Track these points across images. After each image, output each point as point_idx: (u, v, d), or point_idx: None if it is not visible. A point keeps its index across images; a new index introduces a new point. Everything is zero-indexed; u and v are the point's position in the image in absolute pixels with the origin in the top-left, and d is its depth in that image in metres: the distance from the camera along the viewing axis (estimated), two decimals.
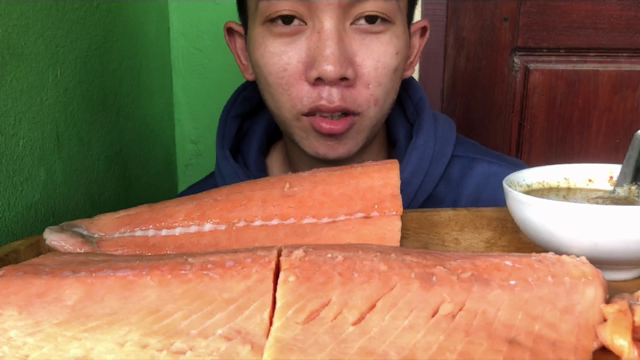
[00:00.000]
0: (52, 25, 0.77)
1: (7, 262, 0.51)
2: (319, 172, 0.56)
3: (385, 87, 0.68)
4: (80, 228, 0.54)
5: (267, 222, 0.53)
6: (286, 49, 0.66)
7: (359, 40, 0.65)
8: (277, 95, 0.68)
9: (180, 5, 1.25)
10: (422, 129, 0.75)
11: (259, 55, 0.68)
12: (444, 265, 0.40)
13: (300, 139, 0.71)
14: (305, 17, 0.65)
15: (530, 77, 1.26)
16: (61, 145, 0.80)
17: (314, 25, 0.64)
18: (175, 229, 0.53)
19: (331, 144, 0.70)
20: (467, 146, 0.81)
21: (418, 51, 0.76)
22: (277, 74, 0.67)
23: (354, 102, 0.67)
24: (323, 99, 0.65)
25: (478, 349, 0.34)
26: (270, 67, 0.67)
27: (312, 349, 0.33)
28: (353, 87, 0.66)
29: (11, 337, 0.35)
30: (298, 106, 0.67)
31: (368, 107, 0.68)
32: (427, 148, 0.74)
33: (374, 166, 0.55)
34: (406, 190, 0.73)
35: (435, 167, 0.75)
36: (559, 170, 0.59)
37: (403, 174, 0.73)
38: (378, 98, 0.68)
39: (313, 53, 0.65)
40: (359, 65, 0.66)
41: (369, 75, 0.66)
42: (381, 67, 0.66)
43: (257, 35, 0.68)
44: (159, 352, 0.34)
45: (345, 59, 0.64)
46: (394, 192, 0.53)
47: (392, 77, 0.68)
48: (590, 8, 1.21)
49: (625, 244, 0.45)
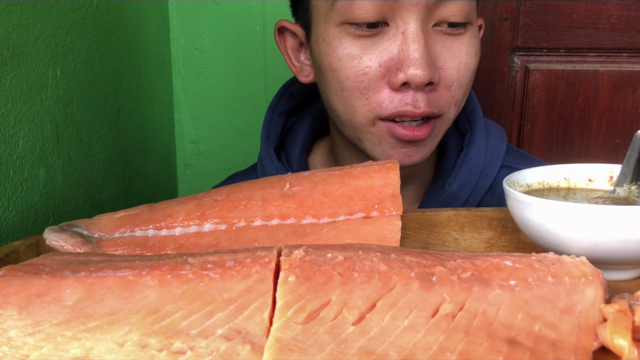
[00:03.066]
0: (52, 25, 0.77)
1: (7, 262, 0.51)
2: (319, 172, 0.56)
3: (466, 88, 0.66)
4: (80, 228, 0.54)
5: (267, 222, 0.53)
6: (367, 52, 0.62)
7: (440, 42, 0.63)
8: (353, 100, 0.65)
9: (180, 5, 1.25)
10: (474, 142, 0.73)
11: (335, 57, 0.64)
12: (444, 265, 0.40)
13: (372, 145, 0.68)
14: (388, 18, 0.61)
15: (530, 77, 1.26)
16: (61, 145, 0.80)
17: (398, 27, 0.61)
18: (175, 229, 0.53)
19: (408, 150, 0.67)
20: (516, 156, 0.79)
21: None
22: (356, 78, 0.63)
23: (438, 105, 0.65)
24: (408, 105, 0.62)
25: (478, 349, 0.34)
26: (349, 71, 0.63)
27: (312, 349, 0.33)
28: (436, 90, 0.64)
29: (11, 337, 0.35)
30: (377, 110, 0.64)
31: (449, 109, 0.66)
32: (477, 162, 0.73)
33: (374, 166, 0.55)
34: (452, 204, 0.72)
35: (484, 181, 0.74)
36: (559, 170, 0.59)
37: (451, 187, 0.72)
38: (458, 99, 0.66)
39: (398, 56, 0.61)
40: (441, 68, 0.63)
41: (452, 78, 0.64)
42: (463, 69, 0.64)
43: (332, 37, 0.64)
44: (159, 352, 0.34)
45: (432, 62, 0.62)
46: (394, 192, 0.53)
47: (471, 78, 0.67)
48: (590, 8, 1.21)
49: (625, 244, 0.45)
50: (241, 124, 1.28)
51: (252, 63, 1.28)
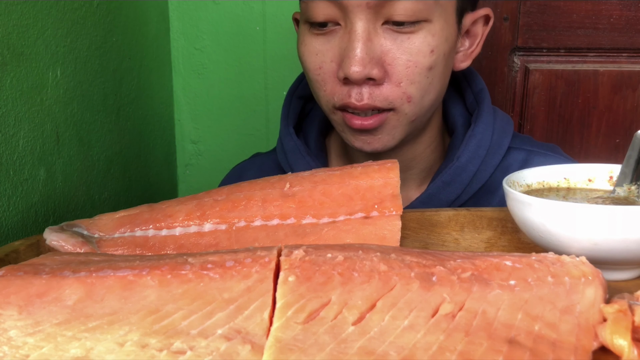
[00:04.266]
0: (52, 25, 0.77)
1: (7, 262, 0.51)
2: (319, 172, 0.56)
3: (420, 84, 0.68)
4: (80, 228, 0.54)
5: (267, 222, 0.53)
6: (322, 49, 0.69)
7: (390, 40, 0.66)
8: (316, 90, 0.72)
9: (180, 5, 1.25)
10: (481, 118, 0.76)
11: (301, 52, 0.72)
12: (444, 265, 0.40)
13: (339, 131, 0.75)
14: (339, 19, 0.66)
15: (530, 77, 1.26)
16: (61, 145, 0.80)
17: (346, 26, 0.66)
18: (175, 229, 0.53)
19: (364, 138, 0.71)
20: (523, 139, 0.82)
21: (480, 40, 0.75)
22: (314, 71, 0.70)
23: (385, 99, 0.68)
24: (352, 97, 0.67)
25: (478, 349, 0.34)
26: (309, 64, 0.70)
27: (312, 349, 0.33)
28: (383, 85, 0.67)
29: (11, 337, 0.35)
30: (331, 101, 0.70)
31: (401, 104, 0.68)
32: (484, 136, 0.76)
33: (374, 166, 0.55)
34: (461, 176, 0.74)
35: (492, 157, 0.76)
36: (559, 170, 0.59)
37: (460, 159, 0.74)
38: (412, 95, 0.68)
39: (343, 53, 0.66)
40: (389, 64, 0.66)
41: (400, 74, 0.67)
42: (413, 66, 0.66)
43: (301, 33, 0.72)
44: (159, 352, 0.34)
45: (372, 59, 0.65)
46: (394, 192, 0.53)
47: (427, 75, 0.68)
48: (590, 8, 1.21)
49: (625, 244, 0.45)
50: (241, 124, 1.28)
51: (252, 63, 1.28)
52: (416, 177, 0.81)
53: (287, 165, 0.82)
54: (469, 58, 0.75)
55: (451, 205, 0.75)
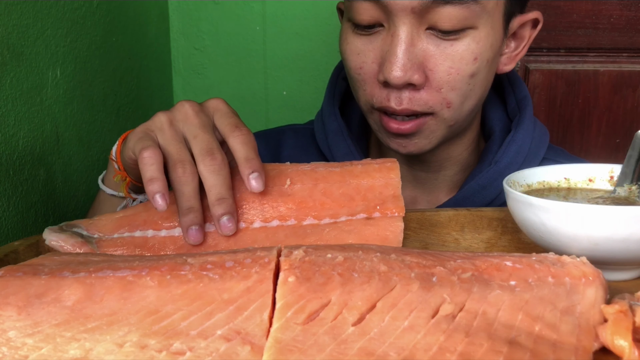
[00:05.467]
0: (52, 25, 0.77)
1: (7, 262, 0.51)
2: (319, 168, 0.55)
3: (461, 91, 0.67)
4: (79, 228, 0.54)
5: (267, 224, 0.52)
6: (364, 49, 0.68)
7: (433, 45, 0.65)
8: (355, 88, 0.72)
9: (180, 5, 1.25)
10: (523, 125, 0.76)
11: (343, 49, 0.71)
12: (444, 266, 0.40)
13: (375, 130, 0.74)
14: (382, 20, 0.66)
15: (530, 77, 1.26)
16: (61, 145, 0.80)
17: (389, 29, 0.65)
18: (174, 230, 0.52)
19: (400, 141, 0.71)
20: (556, 151, 0.82)
21: (527, 43, 0.74)
22: (355, 70, 0.70)
23: (424, 104, 0.67)
24: (391, 101, 0.67)
25: (478, 350, 0.34)
26: (350, 63, 0.70)
27: (312, 350, 0.33)
28: (423, 90, 0.66)
29: (10, 338, 0.35)
30: (370, 101, 0.70)
31: (441, 109, 0.68)
32: (524, 144, 0.75)
33: (374, 165, 0.55)
34: (497, 180, 0.74)
35: (528, 165, 0.75)
36: (559, 170, 0.59)
37: (498, 164, 0.74)
38: (452, 101, 0.67)
39: (384, 56, 0.66)
40: (431, 70, 0.65)
41: (441, 80, 0.66)
42: (455, 73, 0.66)
43: (344, 30, 0.71)
44: (159, 352, 0.34)
45: (413, 65, 0.65)
46: (395, 192, 0.53)
47: (469, 82, 0.67)
48: (590, 8, 1.21)
49: (626, 244, 0.45)
50: None
51: (252, 63, 1.28)
52: (449, 179, 0.81)
53: (325, 147, 0.81)
54: (513, 61, 0.74)
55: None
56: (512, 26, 0.70)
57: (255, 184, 0.50)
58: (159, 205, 0.49)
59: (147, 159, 0.50)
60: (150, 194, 0.49)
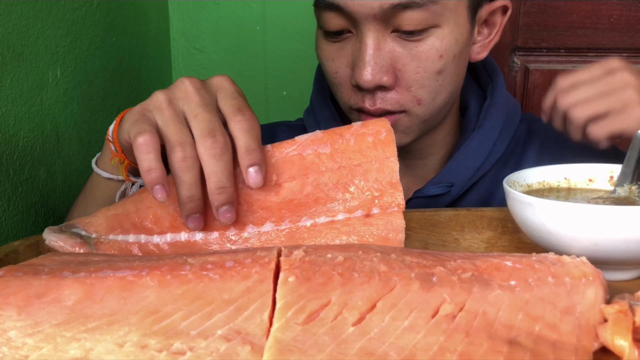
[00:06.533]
0: (52, 25, 0.77)
1: (7, 262, 0.51)
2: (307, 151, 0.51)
3: (430, 87, 0.69)
4: (78, 229, 0.54)
5: (259, 229, 0.51)
6: (337, 55, 0.71)
7: (399, 47, 0.67)
8: (334, 90, 0.74)
9: (180, 5, 1.25)
10: (498, 88, 0.80)
11: (319, 55, 0.74)
12: (444, 266, 0.40)
13: None
14: (350, 27, 0.68)
15: (530, 77, 1.26)
16: (61, 145, 0.80)
17: (357, 35, 0.68)
18: (167, 236, 0.51)
19: None
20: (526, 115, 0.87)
21: (499, 30, 0.76)
22: (332, 75, 0.72)
23: (396, 103, 0.69)
24: (365, 102, 0.69)
25: (478, 350, 0.34)
26: (327, 68, 0.73)
27: (312, 350, 0.33)
28: (394, 90, 0.69)
29: (10, 338, 0.35)
30: (349, 103, 0.73)
31: (412, 107, 0.70)
32: (501, 106, 0.79)
33: (367, 139, 0.51)
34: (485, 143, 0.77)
35: (508, 127, 0.80)
36: (559, 170, 0.59)
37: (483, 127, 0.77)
38: (422, 98, 0.70)
39: (354, 61, 0.68)
40: (399, 70, 0.68)
41: (410, 80, 0.68)
42: (422, 72, 0.68)
43: (318, 37, 0.73)
44: (159, 352, 0.34)
45: (382, 67, 0.67)
46: (393, 179, 0.50)
47: (437, 78, 0.69)
48: (590, 8, 1.21)
49: (626, 244, 0.45)
50: None
51: (252, 63, 1.28)
52: (437, 162, 0.83)
53: None
54: (486, 48, 0.76)
55: (473, 176, 0.77)
56: (481, 15, 0.73)
57: (254, 179, 0.49)
58: (158, 197, 0.48)
59: (142, 146, 0.48)
60: (149, 185, 0.48)
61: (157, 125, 0.50)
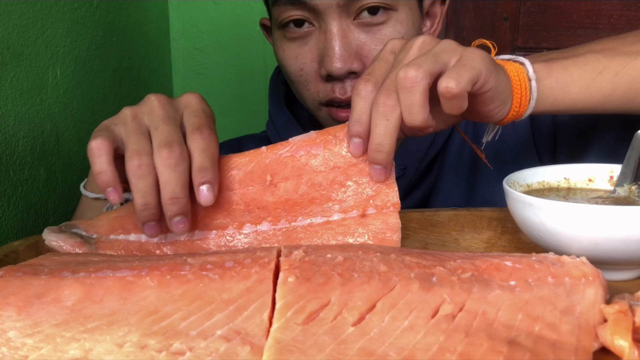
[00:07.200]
0: (52, 25, 0.77)
1: (7, 262, 0.51)
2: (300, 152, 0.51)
3: None
4: (78, 229, 0.54)
5: (257, 228, 0.51)
6: (300, 51, 0.72)
7: (363, 34, 0.70)
8: (299, 90, 0.75)
9: (180, 5, 1.25)
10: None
11: (280, 56, 0.75)
12: (444, 266, 0.40)
13: (326, 125, 0.76)
14: (313, 20, 0.70)
15: None
16: (61, 145, 0.80)
17: (320, 27, 0.70)
18: (167, 235, 0.52)
19: None
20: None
21: (440, 19, 0.79)
22: (296, 73, 0.73)
23: None
24: (336, 92, 0.71)
25: (478, 350, 0.34)
26: (290, 68, 0.73)
27: (312, 350, 0.33)
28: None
29: (10, 338, 0.35)
30: (317, 98, 0.73)
31: None
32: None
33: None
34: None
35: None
36: (559, 170, 0.58)
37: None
38: None
39: (322, 53, 0.70)
40: (366, 56, 0.70)
41: None
42: None
43: (277, 39, 0.75)
44: (158, 352, 0.34)
45: (351, 54, 0.69)
46: (388, 178, 0.50)
47: None
48: (590, 8, 1.21)
49: (626, 244, 0.45)
50: (241, 124, 1.28)
51: (252, 63, 1.28)
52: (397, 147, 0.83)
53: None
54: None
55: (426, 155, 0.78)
56: (425, 5, 0.75)
57: (206, 197, 0.48)
58: (111, 199, 0.48)
59: (94, 149, 0.48)
60: (100, 188, 0.48)
61: (120, 136, 0.51)
